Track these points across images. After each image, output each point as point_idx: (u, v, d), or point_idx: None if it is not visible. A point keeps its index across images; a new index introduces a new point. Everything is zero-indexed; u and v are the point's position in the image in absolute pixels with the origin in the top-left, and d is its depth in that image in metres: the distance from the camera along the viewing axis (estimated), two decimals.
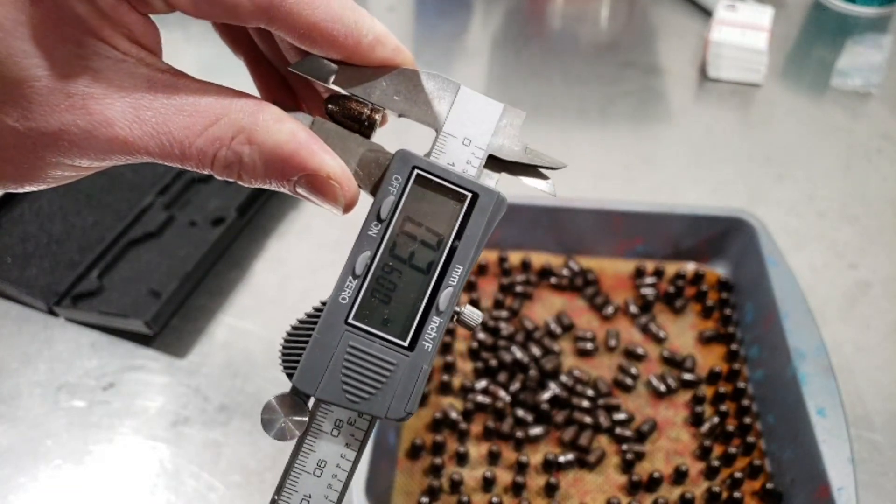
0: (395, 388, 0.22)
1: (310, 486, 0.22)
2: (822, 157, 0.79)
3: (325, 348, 0.22)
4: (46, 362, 0.57)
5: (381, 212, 0.23)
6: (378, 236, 0.23)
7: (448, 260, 0.23)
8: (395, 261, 0.23)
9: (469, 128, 0.24)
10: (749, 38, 0.87)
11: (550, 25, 1.02)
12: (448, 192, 0.23)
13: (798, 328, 0.53)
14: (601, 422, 0.53)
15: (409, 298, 0.22)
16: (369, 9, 1.14)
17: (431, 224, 0.23)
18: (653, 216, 0.62)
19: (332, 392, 0.22)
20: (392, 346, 0.22)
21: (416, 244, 0.23)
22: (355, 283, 0.23)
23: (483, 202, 0.23)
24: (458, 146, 0.24)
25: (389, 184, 0.23)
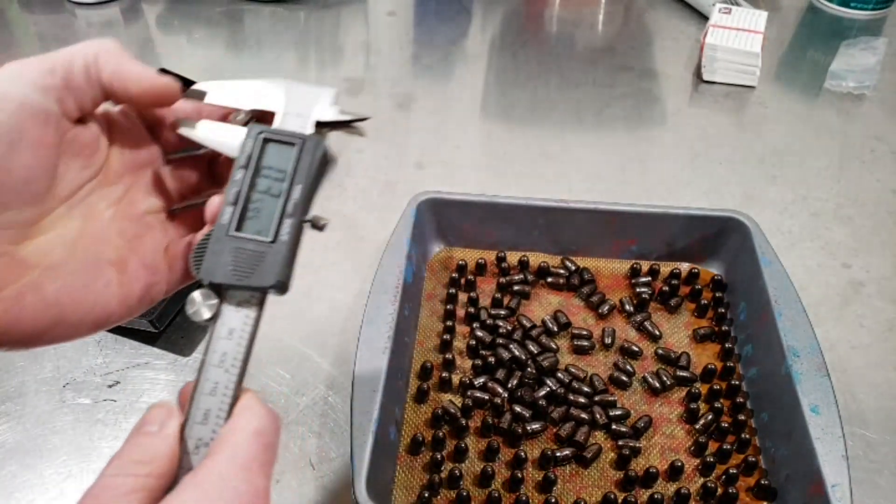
0: (268, 267, 0.32)
1: (216, 376, 0.31)
2: (815, 159, 0.80)
3: (218, 253, 0.31)
4: (52, 360, 0.58)
5: (241, 161, 0.33)
6: (241, 178, 0.33)
7: (291, 184, 0.33)
8: (260, 194, 0.33)
9: (299, 106, 0.35)
10: (743, 41, 0.88)
11: (547, 30, 1.03)
12: (284, 143, 0.34)
13: (792, 327, 0.54)
14: (597, 418, 0.53)
15: (271, 214, 0.32)
16: (370, 15, 1.15)
17: (279, 165, 0.33)
18: (648, 216, 0.63)
19: (226, 276, 0.31)
20: (261, 243, 0.32)
21: (270, 181, 0.33)
22: (230, 209, 0.32)
23: (308, 145, 0.34)
24: (294, 119, 0.35)
25: (245, 145, 0.33)
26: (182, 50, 0.96)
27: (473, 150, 0.80)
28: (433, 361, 0.57)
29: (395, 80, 0.91)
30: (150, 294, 0.34)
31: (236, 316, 0.31)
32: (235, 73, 0.91)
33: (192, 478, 0.27)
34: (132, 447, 0.28)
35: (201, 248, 0.32)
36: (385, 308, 0.54)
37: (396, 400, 0.52)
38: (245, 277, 0.31)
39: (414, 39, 0.99)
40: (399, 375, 0.53)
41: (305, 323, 0.61)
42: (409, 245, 0.58)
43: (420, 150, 0.80)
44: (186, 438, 0.29)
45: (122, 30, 0.99)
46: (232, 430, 0.28)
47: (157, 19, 1.01)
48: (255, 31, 0.99)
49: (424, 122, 0.84)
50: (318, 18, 1.02)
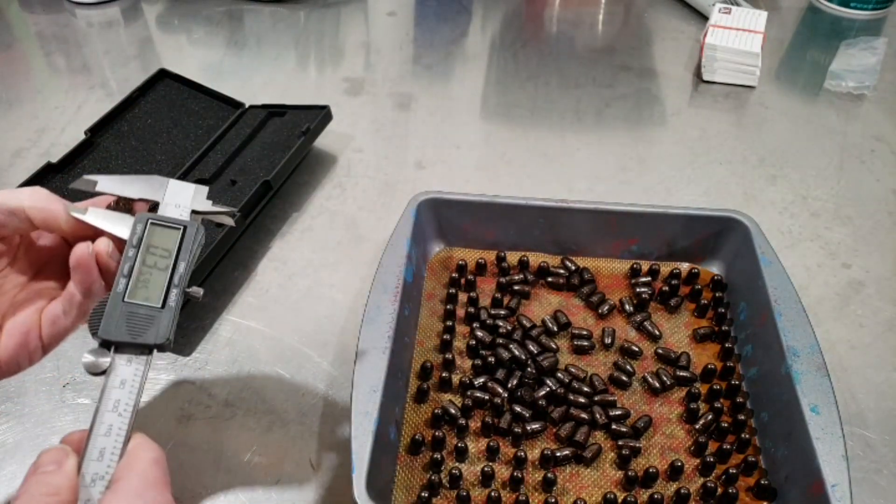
0: (157, 328, 0.38)
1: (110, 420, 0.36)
2: (815, 158, 0.80)
3: (112, 316, 0.38)
4: (52, 360, 0.58)
5: (133, 242, 0.40)
6: (133, 255, 0.40)
7: (176, 260, 0.40)
8: (148, 268, 0.40)
9: (177, 199, 0.43)
10: (743, 41, 0.88)
11: (548, 30, 1.04)
12: (170, 227, 0.41)
13: (792, 327, 0.54)
14: (597, 418, 0.53)
15: (159, 285, 0.40)
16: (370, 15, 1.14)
17: (164, 245, 0.41)
18: (648, 216, 0.63)
19: (122, 335, 0.37)
20: (151, 308, 0.39)
21: (157, 257, 0.40)
22: (124, 281, 0.39)
23: (190, 229, 0.42)
24: (173, 208, 0.43)
25: (136, 228, 0.40)
26: (182, 50, 0.96)
27: (473, 150, 0.80)
28: (433, 361, 0.57)
29: (395, 80, 0.91)
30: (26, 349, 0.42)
31: (127, 369, 0.37)
32: (235, 73, 0.91)
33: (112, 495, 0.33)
34: (35, 484, 0.33)
35: (97, 312, 0.38)
36: (385, 308, 0.54)
37: (396, 400, 0.52)
38: (138, 336, 0.38)
39: (414, 39, 0.99)
40: (399, 375, 0.54)
41: (305, 323, 0.61)
42: (409, 245, 0.59)
43: (420, 150, 0.80)
44: (83, 474, 0.34)
45: (122, 30, 0.99)
46: (135, 460, 0.34)
47: (157, 19, 1.01)
48: (255, 30, 0.99)
49: (424, 122, 0.84)
50: (318, 18, 1.02)
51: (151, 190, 0.43)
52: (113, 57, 0.94)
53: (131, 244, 0.40)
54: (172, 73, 0.80)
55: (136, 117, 0.76)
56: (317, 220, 0.71)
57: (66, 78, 0.90)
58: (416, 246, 0.60)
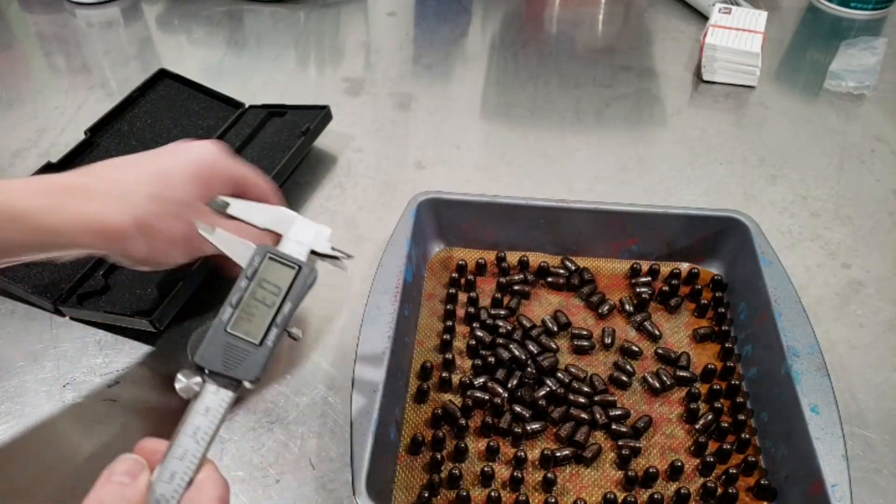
0: (250, 363, 0.39)
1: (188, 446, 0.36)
2: (815, 159, 0.80)
3: (213, 344, 0.39)
4: (52, 360, 0.58)
5: (248, 273, 0.41)
6: (245, 287, 0.41)
7: (284, 300, 0.41)
8: (255, 301, 0.41)
9: (301, 236, 0.46)
10: (743, 41, 0.88)
11: (548, 30, 1.04)
12: (286, 265, 0.43)
13: (792, 327, 0.54)
14: (597, 418, 0.53)
15: (262, 321, 0.40)
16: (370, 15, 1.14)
17: (276, 281, 0.42)
18: (648, 216, 0.63)
19: (216, 364, 0.38)
20: (249, 343, 0.40)
21: (266, 292, 0.41)
22: (230, 310, 0.40)
23: (304, 271, 0.43)
24: (294, 244, 0.45)
25: (253, 260, 0.42)
26: (182, 50, 0.96)
27: (473, 150, 0.80)
28: (433, 361, 0.57)
29: (395, 80, 0.91)
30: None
31: (214, 398, 0.38)
32: (235, 73, 0.91)
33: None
34: (109, 494, 0.33)
35: (199, 336, 0.39)
36: (385, 308, 0.54)
37: (396, 400, 0.52)
38: (231, 368, 0.38)
39: (414, 39, 0.99)
40: (399, 375, 0.54)
41: (305, 323, 0.61)
42: (409, 245, 0.59)
43: (420, 150, 0.80)
44: (152, 490, 0.34)
45: (122, 30, 0.99)
46: (201, 494, 0.35)
47: (157, 19, 1.01)
48: (255, 30, 0.99)
49: (424, 122, 0.84)
50: (318, 18, 1.02)
51: (278, 222, 0.45)
52: (113, 57, 0.94)
53: (246, 275, 0.41)
54: (172, 73, 0.80)
55: (136, 117, 0.76)
56: (316, 220, 0.70)
57: (66, 78, 0.90)
58: (416, 246, 0.60)
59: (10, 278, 0.60)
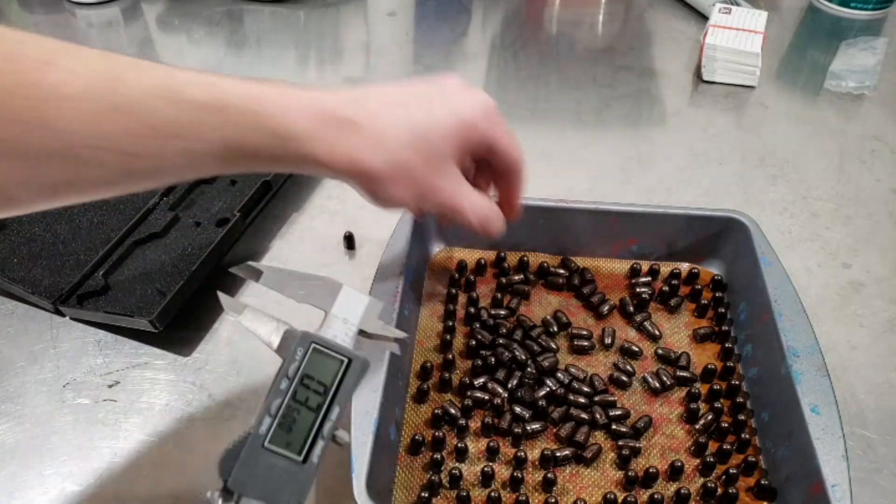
0: (294, 488, 0.33)
1: None
2: (815, 159, 0.80)
3: (247, 463, 0.32)
4: (52, 360, 0.58)
5: (288, 372, 0.34)
6: (286, 389, 0.34)
7: (331, 402, 0.34)
8: (296, 403, 0.34)
9: (346, 311, 0.38)
10: (743, 41, 0.88)
11: (548, 30, 1.04)
12: (333, 357, 0.35)
13: (792, 327, 0.54)
14: (597, 418, 0.53)
15: (304, 428, 0.34)
16: (370, 15, 1.14)
17: (321, 377, 0.35)
18: (648, 216, 0.63)
19: (254, 491, 0.32)
20: (291, 461, 0.33)
21: (309, 392, 0.34)
22: (269, 420, 0.33)
23: (355, 364, 0.36)
24: (339, 323, 0.38)
25: (295, 353, 0.35)
26: (182, 50, 0.96)
27: None
28: (433, 361, 0.57)
29: (395, 80, 0.90)
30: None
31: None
32: (235, 73, 0.90)
33: None
34: None
35: (233, 452, 0.32)
36: (385, 308, 0.54)
37: (396, 400, 0.52)
38: (271, 495, 0.32)
39: (414, 39, 0.99)
40: (399, 375, 0.53)
41: None
42: (409, 245, 0.58)
43: None
44: None
45: (123, 30, 0.99)
46: None
47: (157, 19, 1.01)
48: (255, 30, 0.99)
49: None
50: (318, 18, 1.02)
51: (320, 295, 0.38)
52: None
53: (285, 373, 0.34)
54: None
55: None
56: (317, 220, 0.71)
57: None
58: (416, 246, 0.60)
59: (10, 278, 0.60)
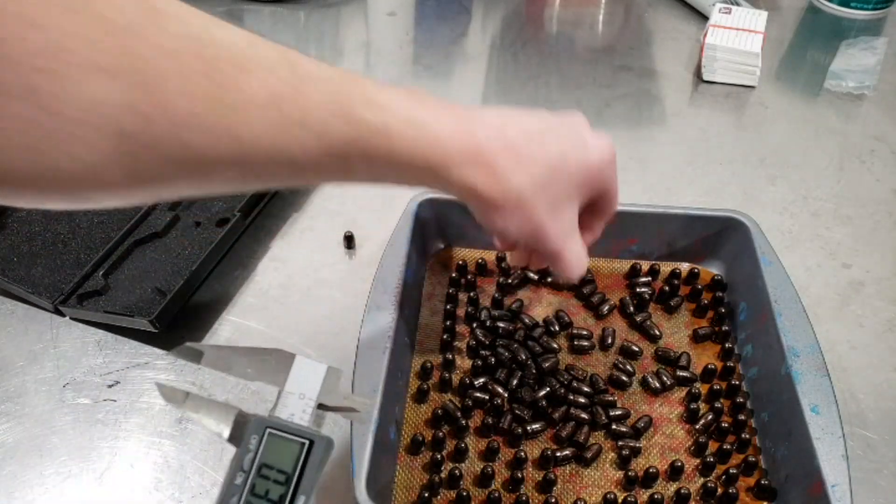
0: None
1: None
2: (815, 159, 0.80)
3: None
4: (52, 360, 0.58)
5: (243, 464, 0.30)
6: (242, 483, 0.30)
7: (295, 491, 0.31)
8: (255, 498, 0.30)
9: (302, 385, 0.33)
10: (743, 41, 0.88)
11: (548, 30, 1.04)
12: (291, 440, 0.31)
13: (792, 327, 0.54)
14: (597, 418, 0.53)
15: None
16: (370, 15, 1.14)
17: (281, 465, 0.31)
18: (648, 216, 0.63)
19: None
20: None
21: (269, 482, 0.30)
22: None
23: (317, 445, 0.32)
24: (296, 400, 0.33)
25: (249, 442, 0.30)
26: None
27: None
28: (433, 361, 0.57)
29: (395, 80, 0.91)
30: None
31: None
32: None
33: None
34: None
35: None
36: (385, 308, 0.54)
37: (396, 400, 0.52)
38: None
39: (414, 39, 0.99)
40: (399, 375, 0.53)
41: (305, 323, 0.61)
42: (409, 245, 0.58)
43: None
44: None
45: None
46: None
47: None
48: (255, 30, 0.99)
49: None
50: (318, 18, 1.02)
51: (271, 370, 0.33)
52: None
53: (240, 466, 0.30)
54: None
55: None
56: (317, 220, 0.71)
57: None
58: (416, 246, 0.60)
59: (11, 278, 0.60)
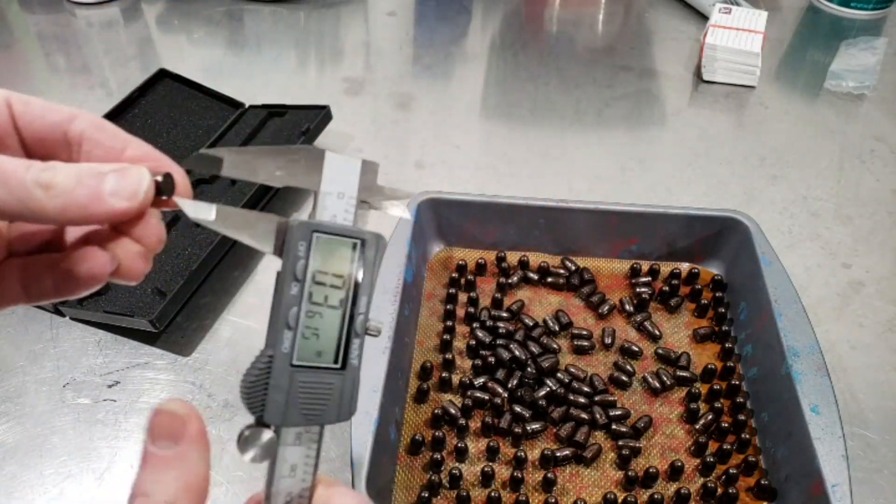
0: (339, 400, 0.28)
1: (288, 485, 0.28)
2: (815, 158, 0.80)
3: (280, 389, 0.27)
4: (52, 360, 0.58)
5: (296, 273, 0.27)
6: (299, 293, 0.27)
7: (355, 293, 0.28)
8: (315, 306, 0.28)
9: (339, 183, 0.29)
10: (744, 41, 0.88)
11: (547, 30, 1.03)
12: (342, 241, 0.28)
13: (792, 327, 0.54)
14: (597, 418, 0.53)
15: (332, 331, 0.28)
16: (370, 15, 1.14)
17: (335, 270, 0.28)
18: (648, 216, 0.63)
19: (295, 418, 0.27)
20: (329, 371, 0.28)
21: (327, 288, 0.28)
22: (290, 334, 0.27)
23: (369, 244, 0.29)
24: (335, 200, 0.29)
25: (297, 249, 0.27)
26: (182, 50, 0.96)
27: (473, 150, 0.80)
28: (433, 361, 0.57)
29: (395, 80, 0.91)
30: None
31: (296, 451, 0.28)
32: (235, 73, 0.91)
33: None
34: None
35: (256, 380, 0.27)
36: (385, 308, 0.54)
37: (396, 400, 0.52)
38: (316, 416, 0.28)
39: (414, 39, 0.99)
40: (399, 375, 0.53)
41: None
42: (409, 245, 0.58)
43: (420, 150, 0.80)
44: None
45: (122, 30, 0.99)
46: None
47: (157, 19, 1.01)
48: (255, 30, 0.99)
49: (424, 122, 0.84)
50: (318, 18, 1.02)
51: (301, 172, 0.29)
52: (113, 57, 0.94)
53: (293, 275, 0.27)
54: (172, 73, 0.80)
55: (136, 117, 0.76)
56: None
57: (66, 78, 0.90)
58: (416, 246, 0.60)
59: None
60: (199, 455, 0.26)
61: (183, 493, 0.25)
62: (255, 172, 0.28)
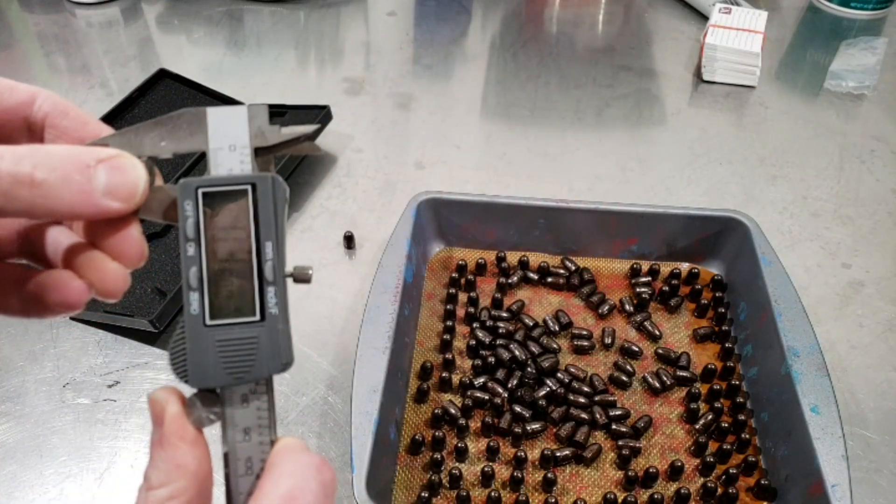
0: (267, 352, 0.27)
1: (246, 450, 0.27)
2: (815, 158, 0.80)
3: (201, 351, 0.26)
4: (52, 360, 0.58)
5: (187, 233, 0.27)
6: (196, 253, 0.27)
7: (258, 242, 0.27)
8: (219, 263, 0.27)
9: (227, 136, 0.28)
10: (743, 41, 0.88)
11: (547, 30, 1.03)
12: (232, 193, 0.27)
13: (792, 327, 0.54)
14: (597, 418, 0.53)
15: (244, 284, 0.27)
16: (370, 15, 1.14)
17: (232, 222, 0.27)
18: (648, 216, 0.63)
19: (221, 378, 0.26)
20: (248, 324, 0.27)
21: (230, 242, 0.27)
22: (196, 295, 0.27)
23: (262, 188, 0.27)
24: (227, 154, 0.28)
25: (185, 210, 0.27)
26: (182, 50, 0.96)
27: (473, 150, 0.80)
28: (433, 361, 0.57)
29: (395, 80, 0.91)
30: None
31: (246, 412, 0.27)
32: (235, 73, 0.91)
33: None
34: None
35: (175, 345, 0.26)
36: (385, 308, 0.54)
37: (396, 400, 0.52)
38: (244, 372, 0.27)
39: (414, 39, 0.99)
40: (399, 375, 0.54)
41: (305, 323, 0.61)
42: (409, 245, 0.59)
43: (420, 150, 0.80)
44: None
45: (122, 30, 0.99)
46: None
47: (157, 19, 1.01)
48: (255, 30, 0.99)
49: (424, 122, 0.84)
50: (318, 18, 1.02)
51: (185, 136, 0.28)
52: (113, 57, 0.94)
53: (186, 236, 0.27)
54: (172, 73, 0.80)
55: (136, 117, 0.76)
56: (317, 220, 0.71)
57: (66, 78, 0.90)
58: (416, 246, 0.60)
59: None
60: (180, 435, 0.25)
61: (175, 473, 0.25)
62: (141, 148, 0.27)
